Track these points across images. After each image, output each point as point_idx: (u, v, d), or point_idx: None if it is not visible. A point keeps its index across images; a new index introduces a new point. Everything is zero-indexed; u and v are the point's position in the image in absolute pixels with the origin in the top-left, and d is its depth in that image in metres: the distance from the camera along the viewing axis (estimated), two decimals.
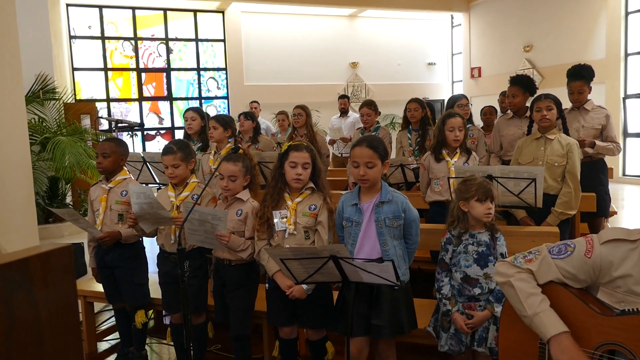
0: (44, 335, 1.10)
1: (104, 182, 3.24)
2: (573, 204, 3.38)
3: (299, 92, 12.45)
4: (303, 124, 5.48)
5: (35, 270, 1.08)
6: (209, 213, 2.56)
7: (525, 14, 12.06)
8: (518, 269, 1.73)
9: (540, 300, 1.64)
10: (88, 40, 11.36)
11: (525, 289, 1.67)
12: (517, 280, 1.69)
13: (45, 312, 1.08)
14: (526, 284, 1.68)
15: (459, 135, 3.58)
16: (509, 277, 1.72)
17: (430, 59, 14.64)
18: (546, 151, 3.44)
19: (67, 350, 1.17)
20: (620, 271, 1.56)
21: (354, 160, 2.49)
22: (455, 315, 2.48)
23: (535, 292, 1.65)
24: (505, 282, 1.73)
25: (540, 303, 1.63)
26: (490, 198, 2.52)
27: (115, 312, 3.47)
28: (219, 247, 2.72)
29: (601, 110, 4.22)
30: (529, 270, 1.70)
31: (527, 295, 1.65)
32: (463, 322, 2.44)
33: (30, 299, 1.06)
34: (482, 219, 2.53)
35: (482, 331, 2.45)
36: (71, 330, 1.19)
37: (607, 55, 10.19)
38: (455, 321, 2.47)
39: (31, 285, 1.07)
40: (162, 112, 12.27)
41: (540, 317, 1.61)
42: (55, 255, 1.12)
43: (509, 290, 1.71)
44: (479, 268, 2.48)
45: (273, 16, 12.67)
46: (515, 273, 1.72)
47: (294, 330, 2.77)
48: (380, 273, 2.04)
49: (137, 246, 3.29)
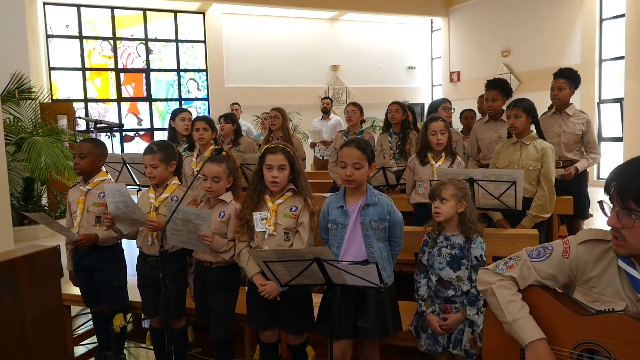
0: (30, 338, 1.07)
1: (82, 184, 3.20)
2: (547, 207, 3.45)
3: (280, 94, 12.44)
4: (279, 127, 5.49)
5: (21, 272, 1.06)
6: (192, 212, 2.54)
7: (503, 20, 12.25)
8: (500, 277, 1.75)
9: (520, 307, 1.67)
10: (65, 39, 11.17)
11: (505, 296, 1.70)
12: (498, 288, 1.72)
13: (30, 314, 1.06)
14: (507, 291, 1.71)
15: (441, 139, 3.62)
16: (490, 284, 1.75)
17: (410, 63, 14.77)
18: (522, 155, 3.51)
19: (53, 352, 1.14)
20: (595, 271, 1.61)
21: (342, 160, 2.49)
22: (429, 316, 2.52)
23: (515, 299, 1.69)
24: (487, 289, 1.76)
25: (519, 310, 1.66)
26: (438, 197, 2.55)
27: (93, 315, 3.41)
28: (201, 247, 2.69)
29: (582, 115, 4.29)
30: (510, 277, 1.74)
31: (507, 302, 1.69)
32: (437, 324, 2.48)
33: (16, 301, 1.03)
34: (434, 217, 2.58)
35: (457, 333, 2.48)
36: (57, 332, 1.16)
37: (582, 61, 10.40)
38: (429, 322, 2.51)
39: (17, 287, 1.05)
40: (141, 113, 12.12)
41: (519, 324, 1.64)
42: (42, 257, 1.10)
43: (491, 298, 1.75)
44: (451, 271, 2.50)
45: (254, 18, 12.64)
46: (497, 281, 1.75)
47: (275, 334, 2.76)
48: (364, 275, 2.05)
49: (115, 249, 3.25)
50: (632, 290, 1.54)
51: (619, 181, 1.46)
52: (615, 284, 1.56)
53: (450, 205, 2.54)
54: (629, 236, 1.47)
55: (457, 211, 2.56)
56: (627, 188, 1.44)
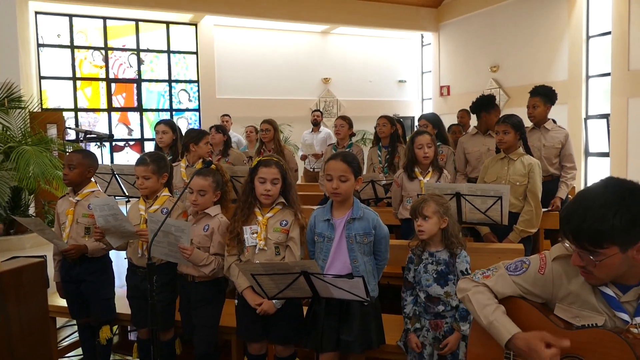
0: (16, 350, 1.07)
1: (72, 195, 3.19)
2: (534, 222, 3.49)
3: (271, 106, 12.47)
4: (271, 139, 5.50)
5: (8, 285, 1.06)
6: (172, 224, 2.53)
7: (492, 36, 12.42)
8: (475, 284, 1.78)
9: (494, 309, 1.67)
10: (57, 48, 11.15)
11: (480, 301, 1.71)
12: (474, 294, 1.74)
13: (17, 326, 1.06)
14: (481, 296, 1.72)
15: (427, 152, 3.64)
16: (467, 291, 1.77)
17: (400, 77, 14.88)
18: (509, 171, 3.56)
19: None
20: (571, 286, 1.60)
21: (328, 173, 2.51)
22: (410, 335, 2.55)
23: (489, 303, 1.69)
24: (464, 296, 1.78)
25: (493, 312, 1.67)
26: (421, 215, 2.56)
27: (79, 327, 3.38)
28: (182, 260, 2.69)
29: (561, 130, 4.38)
30: (484, 284, 1.75)
31: (482, 307, 1.70)
32: (414, 343, 2.51)
33: (3, 313, 1.03)
34: (418, 236, 2.58)
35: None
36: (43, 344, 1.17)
37: (570, 77, 10.56)
38: (408, 340, 2.55)
39: (4, 299, 1.05)
40: (131, 123, 12.09)
41: (495, 325, 1.64)
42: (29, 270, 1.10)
43: (468, 305, 1.76)
44: (439, 287, 2.51)
45: (246, 30, 12.70)
46: (472, 287, 1.77)
47: (263, 347, 2.76)
48: (350, 289, 2.06)
49: (104, 260, 3.23)
50: (607, 306, 1.54)
51: (571, 225, 1.44)
52: (592, 300, 1.57)
53: (433, 222, 2.55)
54: (596, 271, 1.47)
55: (440, 227, 2.58)
56: (580, 232, 1.42)
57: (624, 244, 1.40)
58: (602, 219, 1.38)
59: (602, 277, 1.49)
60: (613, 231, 1.38)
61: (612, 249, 1.40)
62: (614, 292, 1.53)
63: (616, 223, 1.37)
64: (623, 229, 1.37)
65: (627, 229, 1.38)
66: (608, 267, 1.44)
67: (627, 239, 1.40)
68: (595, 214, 1.39)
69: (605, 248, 1.40)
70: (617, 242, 1.39)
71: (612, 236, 1.39)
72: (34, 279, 1.04)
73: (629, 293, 1.52)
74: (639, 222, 1.38)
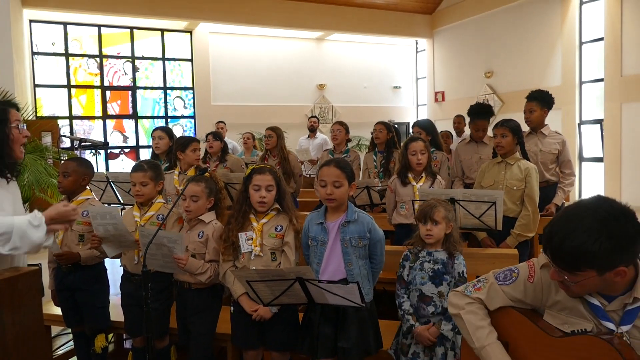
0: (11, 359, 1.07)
1: (66, 202, 3.18)
2: (531, 227, 3.50)
3: (266, 112, 12.49)
4: (274, 145, 5.51)
5: (3, 293, 1.06)
6: (164, 236, 2.53)
7: (486, 42, 12.50)
8: (469, 300, 1.77)
9: (487, 333, 1.68)
10: (51, 56, 11.15)
11: (473, 322, 1.71)
12: (467, 313, 1.74)
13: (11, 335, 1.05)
14: (474, 317, 1.72)
15: (421, 159, 3.65)
16: (459, 309, 1.77)
17: (395, 83, 14.94)
18: (506, 175, 3.56)
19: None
20: (560, 294, 1.60)
21: (322, 180, 2.52)
22: (418, 329, 2.48)
23: (483, 325, 1.70)
24: (457, 314, 1.78)
25: (487, 336, 1.67)
26: (431, 220, 2.57)
27: (74, 336, 3.37)
28: (178, 270, 2.69)
29: (557, 135, 4.40)
30: (478, 299, 1.75)
31: (475, 329, 1.70)
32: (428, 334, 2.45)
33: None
34: (424, 240, 2.59)
35: (441, 357, 2.47)
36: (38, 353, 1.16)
37: (563, 83, 10.63)
38: (419, 335, 2.47)
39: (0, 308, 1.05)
40: (126, 131, 12.08)
41: (487, 351, 1.65)
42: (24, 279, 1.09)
43: (460, 322, 1.77)
44: (433, 286, 2.51)
45: (241, 37, 12.73)
46: (466, 305, 1.76)
47: (259, 354, 2.75)
48: (345, 295, 2.07)
49: (98, 268, 3.22)
50: (593, 315, 1.55)
51: (552, 244, 1.44)
52: (579, 307, 1.58)
53: (441, 227, 2.58)
54: (574, 288, 1.48)
55: (445, 232, 2.60)
56: (559, 253, 1.43)
57: (602, 269, 1.40)
58: (582, 245, 1.37)
59: (580, 293, 1.51)
60: (592, 257, 1.37)
61: (589, 273, 1.41)
62: (600, 302, 1.54)
63: (595, 249, 1.36)
64: (602, 256, 1.37)
65: (606, 256, 1.37)
66: (584, 287, 1.45)
67: (605, 265, 1.39)
68: (576, 239, 1.38)
69: (583, 271, 1.41)
70: (595, 267, 1.39)
71: (591, 262, 1.39)
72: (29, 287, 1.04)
73: (614, 302, 1.52)
74: (619, 249, 1.37)
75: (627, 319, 1.50)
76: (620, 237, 1.36)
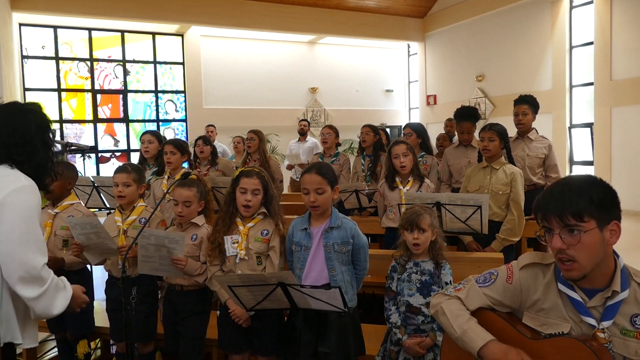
0: None
1: (50, 207, 3.15)
2: (516, 231, 3.50)
3: (258, 116, 12.50)
4: (256, 149, 5.50)
5: None
6: (165, 237, 2.53)
7: (478, 46, 12.57)
8: (447, 297, 1.80)
9: (467, 318, 1.70)
10: (41, 60, 11.10)
11: (453, 311, 1.73)
12: (446, 304, 1.76)
13: None
14: (454, 306, 1.75)
15: (404, 161, 3.64)
16: (440, 304, 1.78)
17: (387, 86, 14.99)
18: (491, 180, 3.57)
19: None
20: (538, 294, 1.63)
21: (304, 187, 2.51)
22: (407, 342, 2.46)
23: (462, 313, 1.72)
24: (437, 310, 1.79)
25: (467, 321, 1.69)
26: (417, 228, 2.53)
27: (58, 341, 3.34)
28: (173, 273, 2.67)
29: (544, 140, 4.41)
30: (457, 297, 1.78)
31: (455, 317, 1.71)
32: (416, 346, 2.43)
33: None
34: (411, 249, 2.56)
35: None
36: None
37: (554, 87, 10.70)
38: (409, 349, 2.45)
39: None
40: (117, 134, 12.03)
41: (468, 333, 1.66)
42: None
43: (441, 317, 1.77)
44: (421, 297, 2.49)
45: (233, 41, 12.73)
46: (445, 300, 1.79)
47: (245, 358, 2.74)
48: (328, 300, 2.06)
49: (83, 273, 3.19)
50: (574, 312, 1.56)
51: (552, 204, 1.50)
52: (558, 306, 1.59)
53: (428, 235, 2.55)
54: (577, 254, 1.49)
55: (430, 239, 2.58)
56: (563, 206, 1.48)
57: (601, 220, 1.48)
58: (582, 193, 1.48)
59: (583, 260, 1.49)
60: (591, 204, 1.46)
61: (591, 223, 1.47)
62: (581, 297, 1.56)
63: (593, 196, 1.47)
64: (599, 204, 1.47)
65: (602, 205, 1.47)
66: (588, 247, 1.48)
67: (604, 213, 1.48)
68: (575, 189, 1.49)
69: (586, 222, 1.47)
70: (595, 216, 1.47)
71: (591, 209, 1.46)
72: None
73: (595, 298, 1.55)
74: (610, 198, 1.50)
75: (607, 315, 1.52)
76: (608, 191, 1.51)
